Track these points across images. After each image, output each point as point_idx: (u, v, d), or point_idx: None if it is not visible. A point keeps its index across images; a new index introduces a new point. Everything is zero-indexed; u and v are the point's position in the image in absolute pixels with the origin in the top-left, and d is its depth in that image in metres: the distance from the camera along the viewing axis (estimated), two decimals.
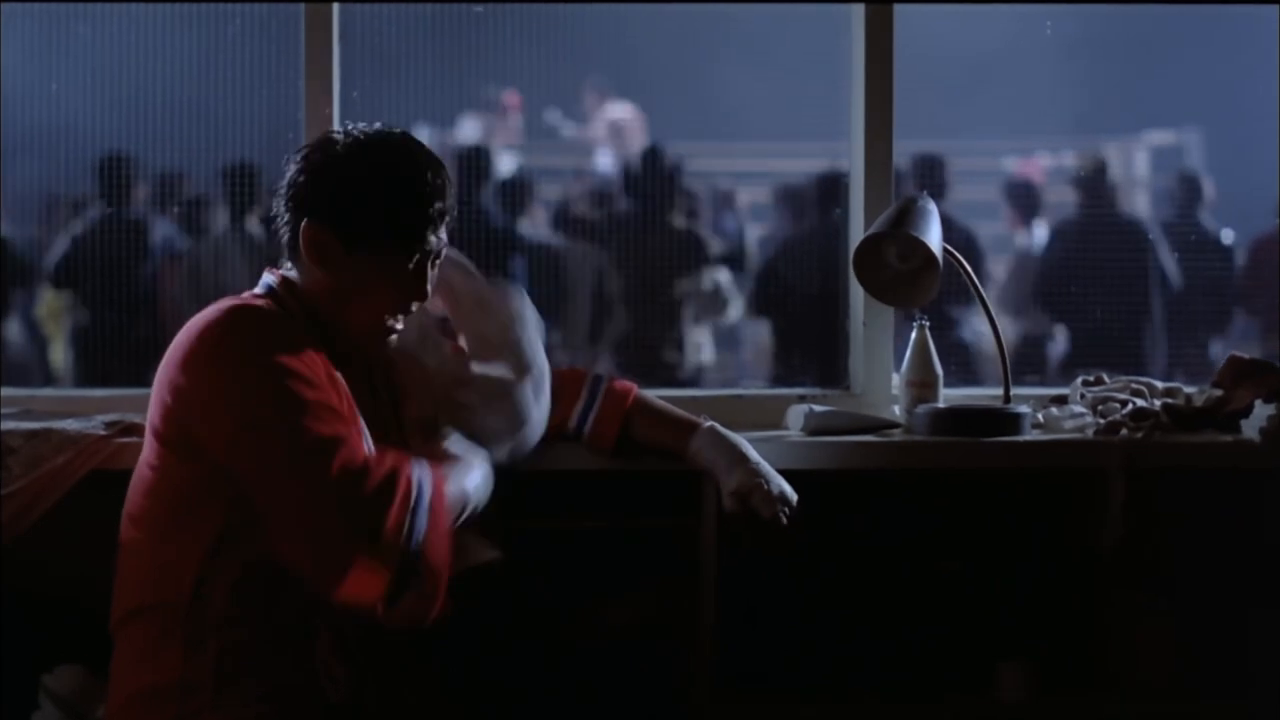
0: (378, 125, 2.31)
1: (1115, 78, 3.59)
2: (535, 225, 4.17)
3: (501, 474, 2.40)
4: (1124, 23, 3.49)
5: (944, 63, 3.48)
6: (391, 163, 2.24)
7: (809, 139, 3.69)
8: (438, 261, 2.32)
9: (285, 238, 2.29)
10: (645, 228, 3.69)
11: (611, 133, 4.12)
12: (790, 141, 3.84)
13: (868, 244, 2.96)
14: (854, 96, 3.12)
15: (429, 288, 2.30)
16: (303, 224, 2.24)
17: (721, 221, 4.19)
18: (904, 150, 3.22)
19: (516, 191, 4.21)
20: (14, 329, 3.57)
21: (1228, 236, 4.05)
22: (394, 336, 2.33)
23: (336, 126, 2.40)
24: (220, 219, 3.70)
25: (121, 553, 2.33)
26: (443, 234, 2.28)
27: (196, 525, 2.22)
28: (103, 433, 2.62)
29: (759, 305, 3.99)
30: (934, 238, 2.91)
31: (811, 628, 2.93)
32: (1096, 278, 3.52)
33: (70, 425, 2.63)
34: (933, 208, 2.95)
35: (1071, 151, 3.96)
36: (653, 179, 3.77)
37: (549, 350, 2.46)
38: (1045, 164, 4.52)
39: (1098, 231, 3.79)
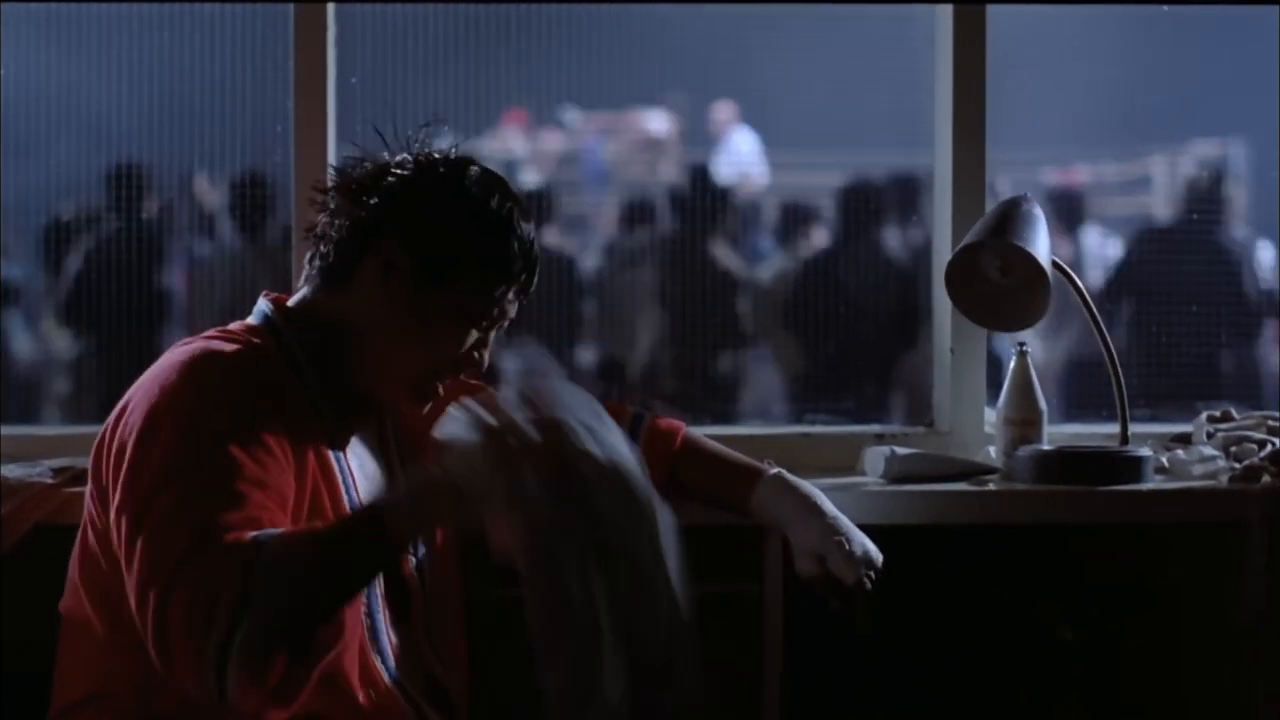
0: (473, 165, 2.16)
1: (1158, 84, 3.39)
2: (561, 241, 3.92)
3: None
4: (1165, 27, 3.33)
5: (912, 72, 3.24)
6: (507, 210, 2.10)
7: (856, 145, 3.54)
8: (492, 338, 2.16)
9: (330, 255, 2.10)
10: (691, 248, 3.45)
11: (646, 147, 3.91)
12: (840, 149, 3.65)
13: (963, 256, 2.62)
14: (939, 98, 2.96)
15: (485, 363, 2.15)
16: (381, 243, 2.06)
17: (753, 238, 3.99)
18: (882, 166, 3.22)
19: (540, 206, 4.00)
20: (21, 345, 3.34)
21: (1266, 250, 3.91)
22: (428, 409, 2.15)
23: (394, 143, 2.18)
24: (223, 230, 3.45)
25: (64, 628, 2.11)
26: (513, 311, 2.14)
27: None
28: (50, 480, 2.44)
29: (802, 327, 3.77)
30: (1041, 247, 2.59)
31: (893, 710, 2.77)
32: (1185, 294, 3.30)
33: (12, 471, 2.46)
34: (1039, 213, 2.65)
35: (1113, 162, 3.84)
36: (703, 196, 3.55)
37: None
38: (1085, 176, 4.31)
39: (1188, 245, 3.52)
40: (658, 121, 3.91)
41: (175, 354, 2.02)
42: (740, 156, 3.79)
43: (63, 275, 3.20)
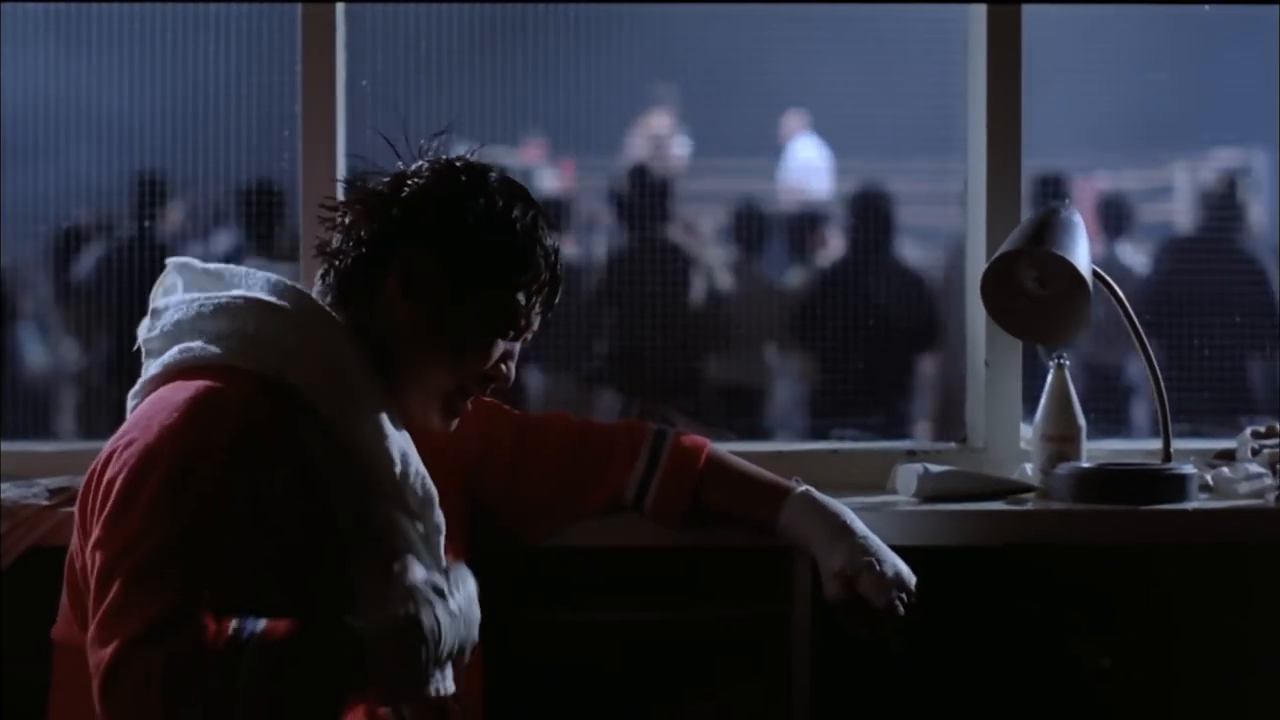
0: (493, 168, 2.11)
1: (1178, 91, 3.36)
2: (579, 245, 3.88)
3: (539, 555, 2.30)
4: (1184, 31, 3.29)
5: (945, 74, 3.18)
6: (531, 217, 2.05)
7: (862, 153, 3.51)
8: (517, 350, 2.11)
9: (348, 272, 2.02)
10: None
11: (652, 145, 3.85)
12: (867, 155, 3.59)
13: (999, 266, 2.52)
14: (971, 102, 2.90)
15: (511, 377, 2.09)
16: (405, 255, 2.00)
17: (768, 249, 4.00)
18: (953, 170, 3.03)
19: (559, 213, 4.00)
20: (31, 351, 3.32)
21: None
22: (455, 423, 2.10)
23: (409, 148, 2.13)
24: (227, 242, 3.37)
25: (56, 655, 2.02)
26: (537, 323, 2.11)
27: None
28: (45, 501, 2.36)
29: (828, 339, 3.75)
30: (1081, 256, 2.51)
31: None
32: (1217, 304, 3.23)
33: (7, 492, 2.37)
34: (1078, 219, 2.57)
35: (1133, 170, 3.78)
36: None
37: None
38: (1104, 185, 4.30)
39: (1214, 254, 3.50)
40: (659, 120, 3.85)
41: (180, 390, 1.91)
42: (801, 164, 3.77)
43: (72, 283, 3.16)
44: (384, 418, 1.96)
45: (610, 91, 3.16)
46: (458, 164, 2.06)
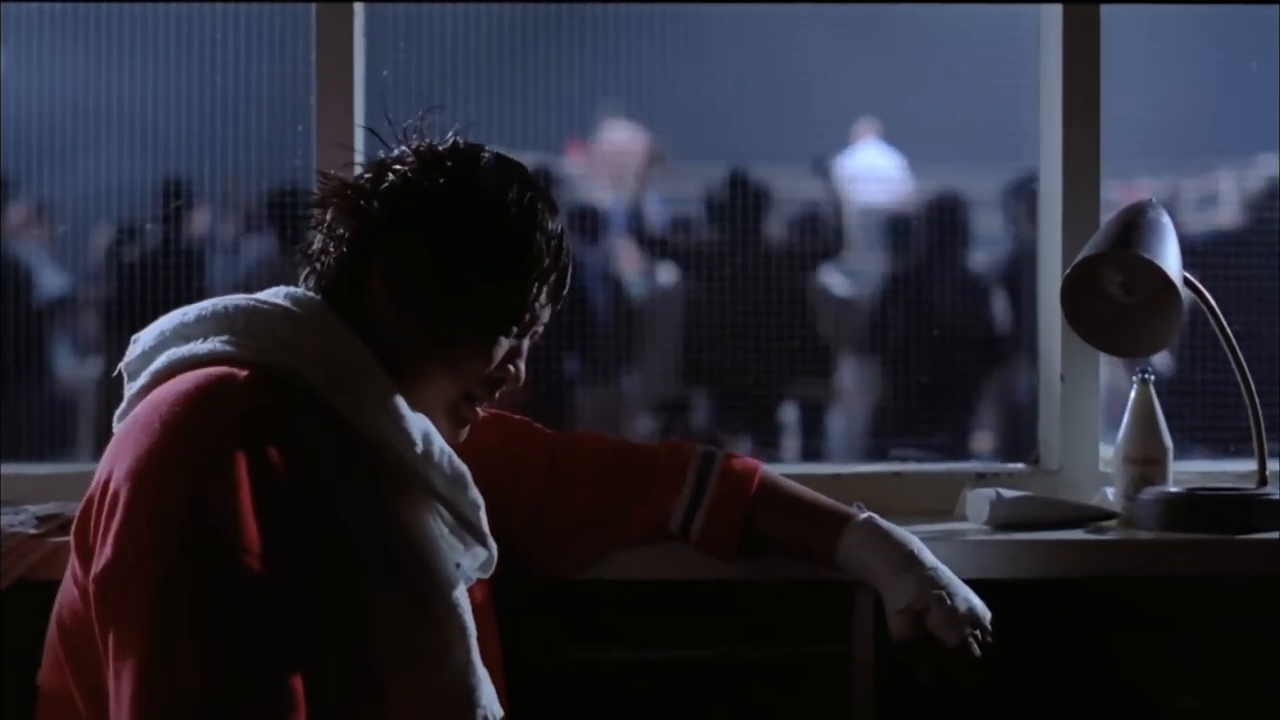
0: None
1: (1220, 95, 3.34)
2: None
3: (573, 589, 2.24)
4: (1226, 34, 3.26)
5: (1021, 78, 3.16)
6: (528, 200, 1.92)
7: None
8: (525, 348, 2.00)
9: (330, 274, 1.89)
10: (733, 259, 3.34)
11: (609, 162, 3.90)
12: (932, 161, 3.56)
13: (1081, 271, 2.42)
14: (1045, 102, 2.85)
15: (521, 376, 1.98)
16: (387, 250, 1.88)
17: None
18: (989, 178, 3.15)
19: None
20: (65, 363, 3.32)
21: None
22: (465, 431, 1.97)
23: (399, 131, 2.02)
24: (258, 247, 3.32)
25: (41, 704, 1.87)
26: (545, 317, 1.98)
27: None
28: (33, 530, 2.23)
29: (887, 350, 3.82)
30: (1172, 260, 2.37)
31: None
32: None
33: None
34: (1166, 220, 2.43)
35: (1177, 177, 3.74)
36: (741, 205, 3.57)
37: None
38: (1147, 193, 4.40)
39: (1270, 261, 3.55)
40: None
41: (177, 385, 1.77)
42: (867, 172, 3.74)
43: (96, 290, 3.09)
44: (397, 400, 1.83)
45: (669, 93, 3.14)
46: (443, 148, 1.93)
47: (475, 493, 1.87)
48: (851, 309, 3.53)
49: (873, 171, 3.71)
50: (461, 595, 1.84)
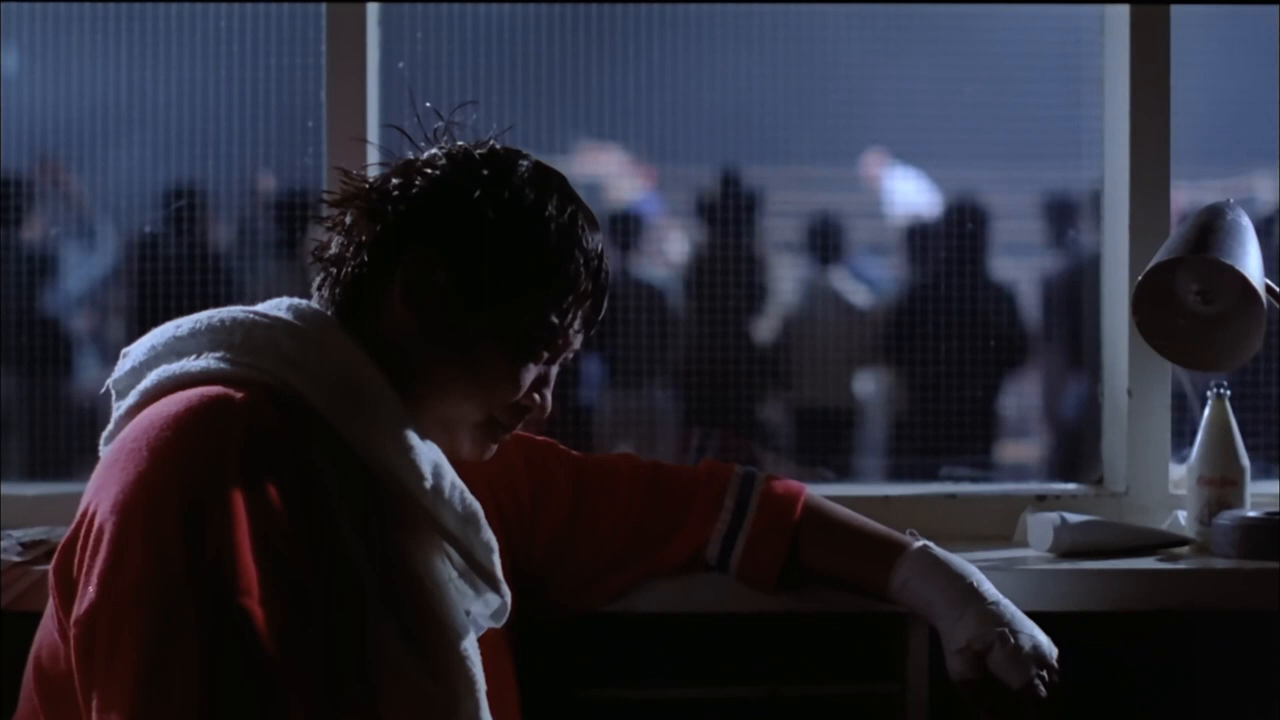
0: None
1: (1255, 97, 3.25)
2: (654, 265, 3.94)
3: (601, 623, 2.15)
4: (1254, 34, 3.18)
5: (1053, 77, 3.14)
6: (570, 214, 1.81)
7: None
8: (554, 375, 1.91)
9: (347, 283, 1.78)
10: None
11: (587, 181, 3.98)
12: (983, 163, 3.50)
13: (1155, 277, 2.28)
14: (1111, 101, 2.80)
15: (548, 407, 1.88)
16: (406, 251, 1.77)
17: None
18: (1022, 182, 3.14)
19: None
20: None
21: None
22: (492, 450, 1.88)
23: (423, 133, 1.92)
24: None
25: None
26: (578, 343, 1.89)
27: None
28: (16, 559, 2.14)
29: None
30: (1254, 265, 2.21)
31: None
32: None
33: None
34: (1247, 223, 2.28)
35: (1213, 182, 3.63)
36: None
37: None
38: (1183, 196, 4.52)
39: None
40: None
41: (167, 406, 1.66)
42: (906, 199, 3.72)
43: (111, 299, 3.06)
44: (408, 428, 1.71)
45: (689, 95, 3.05)
46: (479, 152, 1.81)
47: (489, 533, 1.75)
48: (872, 319, 3.54)
49: (899, 192, 3.76)
50: (471, 646, 1.72)
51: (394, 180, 1.79)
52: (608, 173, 3.47)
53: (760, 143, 3.33)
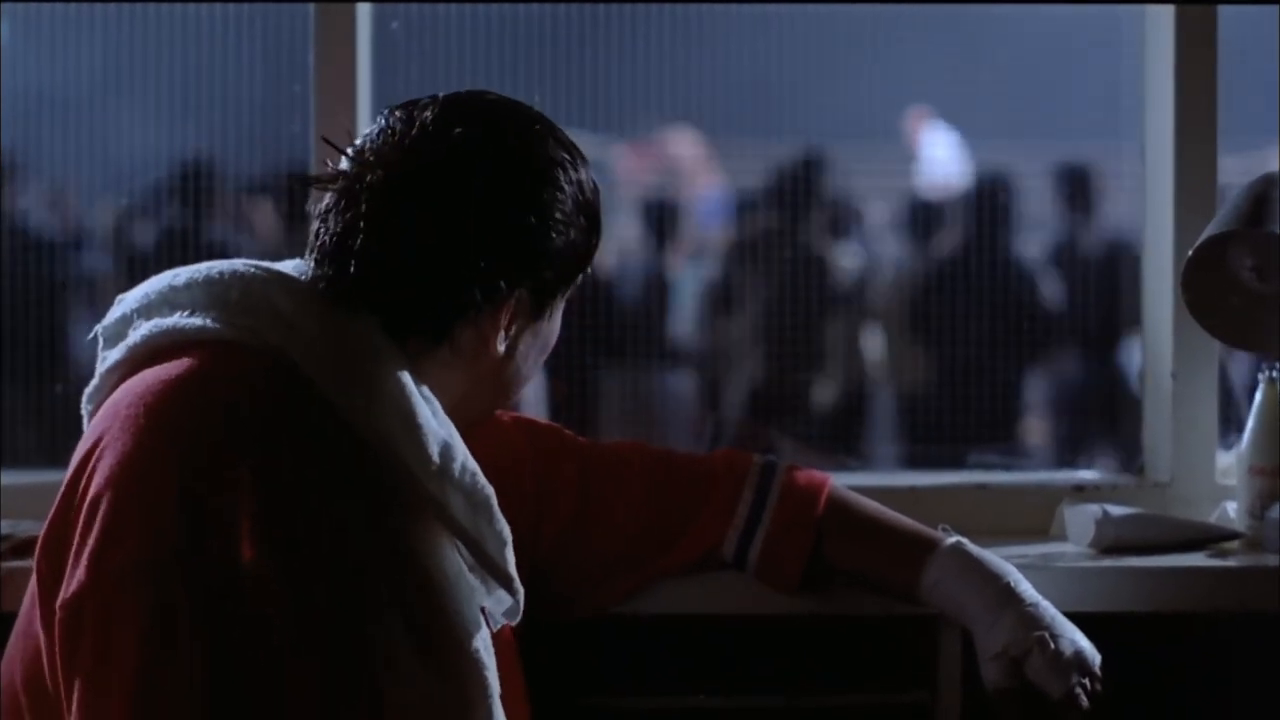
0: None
1: (1265, 72, 3.22)
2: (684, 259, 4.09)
3: (609, 625, 2.11)
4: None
5: (1072, 57, 3.19)
6: (594, 188, 1.77)
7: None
8: None
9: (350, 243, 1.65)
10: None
11: (666, 170, 4.10)
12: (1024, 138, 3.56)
13: (1205, 253, 2.18)
14: (1154, 66, 2.73)
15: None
16: (515, 293, 1.70)
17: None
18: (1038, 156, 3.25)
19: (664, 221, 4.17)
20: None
21: None
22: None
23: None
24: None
25: None
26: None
27: None
28: None
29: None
30: None
31: None
32: None
33: None
34: None
35: (1229, 155, 3.63)
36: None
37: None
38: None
39: None
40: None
41: (157, 375, 1.61)
42: (937, 163, 3.87)
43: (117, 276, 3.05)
44: (415, 401, 1.62)
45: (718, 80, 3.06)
46: (502, 113, 1.70)
47: (502, 524, 1.65)
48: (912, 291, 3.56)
49: (936, 158, 3.81)
50: (484, 646, 1.63)
51: (414, 149, 1.67)
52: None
53: (780, 120, 3.31)
